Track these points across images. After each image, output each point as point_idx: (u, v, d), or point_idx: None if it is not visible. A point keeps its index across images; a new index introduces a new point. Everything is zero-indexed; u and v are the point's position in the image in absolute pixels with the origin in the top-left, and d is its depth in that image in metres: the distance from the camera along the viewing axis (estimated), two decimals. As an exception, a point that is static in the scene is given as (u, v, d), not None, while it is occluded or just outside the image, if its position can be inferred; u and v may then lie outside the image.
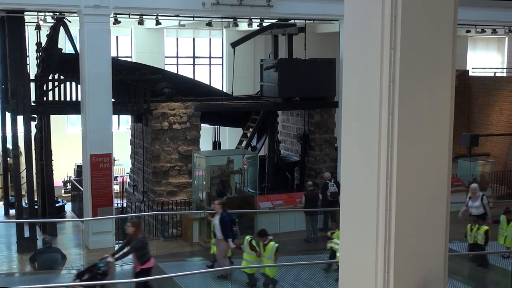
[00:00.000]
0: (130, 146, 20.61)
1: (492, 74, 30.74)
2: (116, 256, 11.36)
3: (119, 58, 23.15)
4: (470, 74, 28.75)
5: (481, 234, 14.34)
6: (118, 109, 17.47)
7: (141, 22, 19.63)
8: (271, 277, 12.65)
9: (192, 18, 19.69)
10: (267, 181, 19.68)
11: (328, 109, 20.36)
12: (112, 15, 17.18)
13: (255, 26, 21.71)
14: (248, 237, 12.90)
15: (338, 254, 12.90)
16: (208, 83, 25.18)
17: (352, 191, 5.29)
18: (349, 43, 5.24)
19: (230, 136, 24.73)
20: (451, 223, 5.31)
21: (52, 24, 17.50)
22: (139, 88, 17.63)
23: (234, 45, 20.99)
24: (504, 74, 32.09)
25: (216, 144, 20.72)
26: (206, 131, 21.16)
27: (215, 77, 27.32)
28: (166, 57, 26.14)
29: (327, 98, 19.92)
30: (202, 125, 19.03)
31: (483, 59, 33.34)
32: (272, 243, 12.60)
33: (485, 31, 26.83)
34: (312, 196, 16.85)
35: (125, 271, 14.05)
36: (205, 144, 20.59)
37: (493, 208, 19.78)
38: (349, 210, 5.33)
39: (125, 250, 11.38)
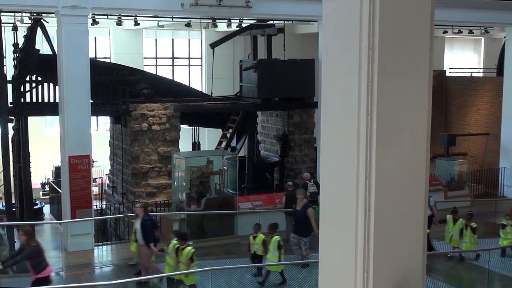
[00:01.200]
0: (109, 147, 20.50)
1: (469, 75, 31.05)
2: (6, 263, 11.00)
3: (97, 59, 23.01)
4: (448, 74, 29.02)
5: None
6: (96, 111, 17.35)
7: (119, 23, 19.56)
8: (188, 285, 12.13)
9: (171, 19, 19.65)
10: (246, 181, 19.69)
11: (307, 109, 20.43)
12: (90, 15, 17.06)
13: (234, 27, 21.74)
14: (174, 241, 12.38)
15: (267, 257, 12.99)
16: (187, 84, 25.13)
17: (331, 191, 5.31)
18: (327, 43, 5.27)
19: (209, 137, 24.70)
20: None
21: (29, 24, 17.34)
22: (118, 89, 17.54)
23: (213, 45, 20.98)
24: (481, 74, 32.44)
25: (196, 145, 20.69)
26: (186, 132, 21.11)
27: (194, 78, 27.26)
28: (145, 58, 26.04)
29: (306, 98, 19.98)
30: (181, 126, 18.99)
31: (460, 60, 33.69)
32: (188, 248, 12.11)
33: (462, 32, 27.14)
34: (292, 197, 16.85)
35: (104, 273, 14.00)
36: (185, 145, 20.54)
37: (470, 207, 20.07)
38: (328, 210, 5.36)
39: (16, 258, 10.96)
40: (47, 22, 17.24)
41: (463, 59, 33.98)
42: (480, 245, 15.26)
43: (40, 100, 16.73)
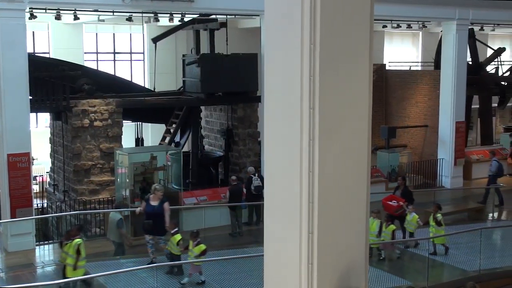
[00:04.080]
0: (50, 144, 20.08)
1: (407, 68, 31.76)
2: None
3: (36, 54, 22.46)
4: (387, 68, 29.61)
5: None
6: (36, 107, 16.96)
7: (58, 17, 19.14)
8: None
9: (111, 13, 19.35)
10: (191, 177, 19.61)
11: (251, 104, 20.48)
12: (27, 9, 16.62)
13: (176, 21, 21.58)
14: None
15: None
16: (129, 79, 24.82)
17: (275, 185, 5.35)
18: (270, 38, 5.30)
19: (153, 133, 24.49)
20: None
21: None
22: (58, 85, 17.17)
23: (155, 40, 20.77)
24: (419, 68, 33.23)
25: (139, 141, 20.46)
26: (128, 128, 20.87)
27: (136, 73, 26.94)
28: (85, 53, 25.55)
29: (249, 93, 20.04)
30: (124, 121, 18.75)
31: (399, 53, 34.41)
32: (76, 240, 11.86)
33: (401, 26, 27.76)
34: (236, 191, 16.93)
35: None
36: (128, 141, 20.30)
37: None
38: (273, 204, 5.40)
39: None
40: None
41: (402, 53, 34.72)
42: (420, 234, 15.64)
43: (-24, 96, 16.21)
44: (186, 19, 21.04)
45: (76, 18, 19.23)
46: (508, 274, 14.02)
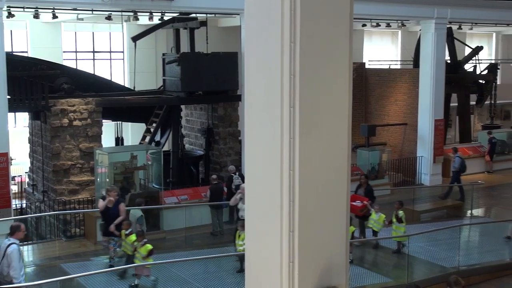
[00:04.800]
0: (28, 144, 19.89)
1: (387, 67, 31.95)
2: None
3: (14, 53, 22.21)
4: (367, 66, 29.75)
5: (238, 242, 13.18)
6: (14, 107, 16.79)
7: (36, 16, 18.94)
8: None
9: (90, 12, 19.21)
10: (172, 176, 19.56)
11: (231, 102, 20.48)
12: (5, 8, 16.46)
13: (156, 20, 21.47)
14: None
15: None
16: (109, 78, 24.66)
17: (256, 183, 5.36)
18: (250, 37, 5.31)
19: (133, 132, 24.37)
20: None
21: None
22: (37, 84, 17.01)
23: (135, 39, 20.67)
24: (398, 66, 33.43)
25: (119, 140, 20.35)
26: (108, 127, 20.75)
27: (116, 72, 26.77)
28: (64, 51, 25.33)
29: (230, 91, 20.02)
30: (103, 121, 18.63)
31: (378, 52, 34.61)
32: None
33: (380, 25, 27.91)
34: (217, 190, 16.91)
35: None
36: (108, 140, 20.19)
37: (390, 195, 20.71)
38: (254, 202, 5.41)
39: None
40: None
41: (381, 51, 34.93)
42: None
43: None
44: (166, 18, 20.96)
45: (54, 16, 19.05)
46: (487, 270, 14.19)
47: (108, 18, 19.87)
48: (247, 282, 5.54)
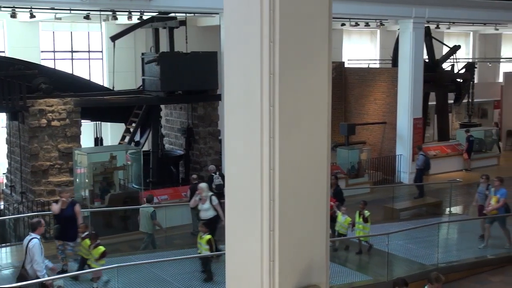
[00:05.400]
0: (6, 145, 19.69)
1: (366, 66, 32.13)
2: None
3: (-10, 53, 22.00)
4: (346, 65, 29.90)
5: (204, 245, 12.74)
6: (-9, 107, 16.63)
7: (13, 15, 18.77)
8: None
9: (68, 11, 19.08)
10: (152, 176, 19.49)
11: (211, 102, 20.45)
12: (-19, 7, 16.30)
13: (135, 20, 21.38)
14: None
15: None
16: (87, 78, 24.50)
17: (236, 183, 5.36)
18: (229, 36, 5.30)
19: (112, 132, 24.24)
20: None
21: None
22: (14, 84, 16.85)
23: (113, 38, 20.54)
24: (377, 65, 33.65)
25: (98, 141, 20.24)
26: (87, 128, 20.61)
27: (95, 71, 26.60)
28: (42, 51, 25.13)
29: (210, 91, 19.99)
30: (82, 121, 18.51)
31: (357, 51, 34.78)
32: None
33: (359, 25, 28.06)
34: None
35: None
36: (87, 140, 20.06)
37: (370, 193, 20.84)
38: (234, 202, 5.41)
39: None
40: None
41: (360, 50, 35.11)
42: (379, 230, 15.84)
43: None
44: (145, 17, 20.88)
45: (32, 16, 18.88)
46: (465, 267, 14.33)
47: (87, 17, 19.75)
48: (227, 281, 5.54)
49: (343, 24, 27.49)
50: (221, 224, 14.15)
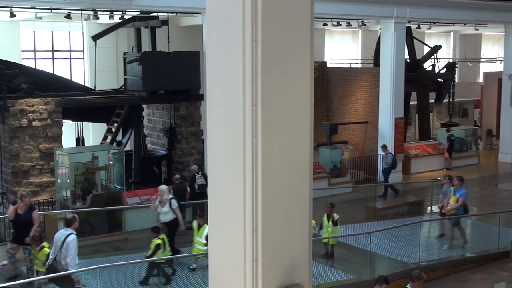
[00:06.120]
0: (-14, 145, 19.49)
1: (348, 65, 32.26)
2: None
3: (-30, 52, 21.75)
4: (328, 65, 29.99)
5: (152, 249, 12.77)
6: (-29, 107, 16.45)
7: (-7, 14, 18.59)
8: None
9: (49, 10, 18.93)
10: (134, 176, 19.40)
11: (193, 102, 20.39)
12: (-40, 6, 16.12)
13: (116, 19, 21.27)
14: None
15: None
16: (69, 78, 24.32)
17: (219, 183, 5.37)
18: (212, 36, 5.30)
19: (94, 132, 24.09)
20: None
21: None
22: (-6, 84, 16.70)
23: (95, 38, 20.41)
24: (359, 65, 33.79)
25: (80, 141, 20.09)
26: (69, 128, 20.45)
27: (76, 71, 26.40)
28: (22, 51, 24.89)
29: (192, 91, 19.92)
30: (64, 121, 18.36)
31: (339, 51, 34.90)
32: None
33: (341, 24, 28.18)
34: (180, 189, 16.82)
35: None
36: (68, 141, 19.91)
37: (352, 192, 20.94)
38: (217, 202, 5.41)
39: None
40: None
41: (342, 50, 35.22)
42: (362, 229, 15.90)
43: None
44: (126, 17, 20.77)
45: (12, 15, 18.71)
46: (447, 265, 14.46)
47: (68, 16, 19.61)
48: (210, 281, 5.55)
49: (325, 24, 27.57)
50: (181, 228, 14.16)
